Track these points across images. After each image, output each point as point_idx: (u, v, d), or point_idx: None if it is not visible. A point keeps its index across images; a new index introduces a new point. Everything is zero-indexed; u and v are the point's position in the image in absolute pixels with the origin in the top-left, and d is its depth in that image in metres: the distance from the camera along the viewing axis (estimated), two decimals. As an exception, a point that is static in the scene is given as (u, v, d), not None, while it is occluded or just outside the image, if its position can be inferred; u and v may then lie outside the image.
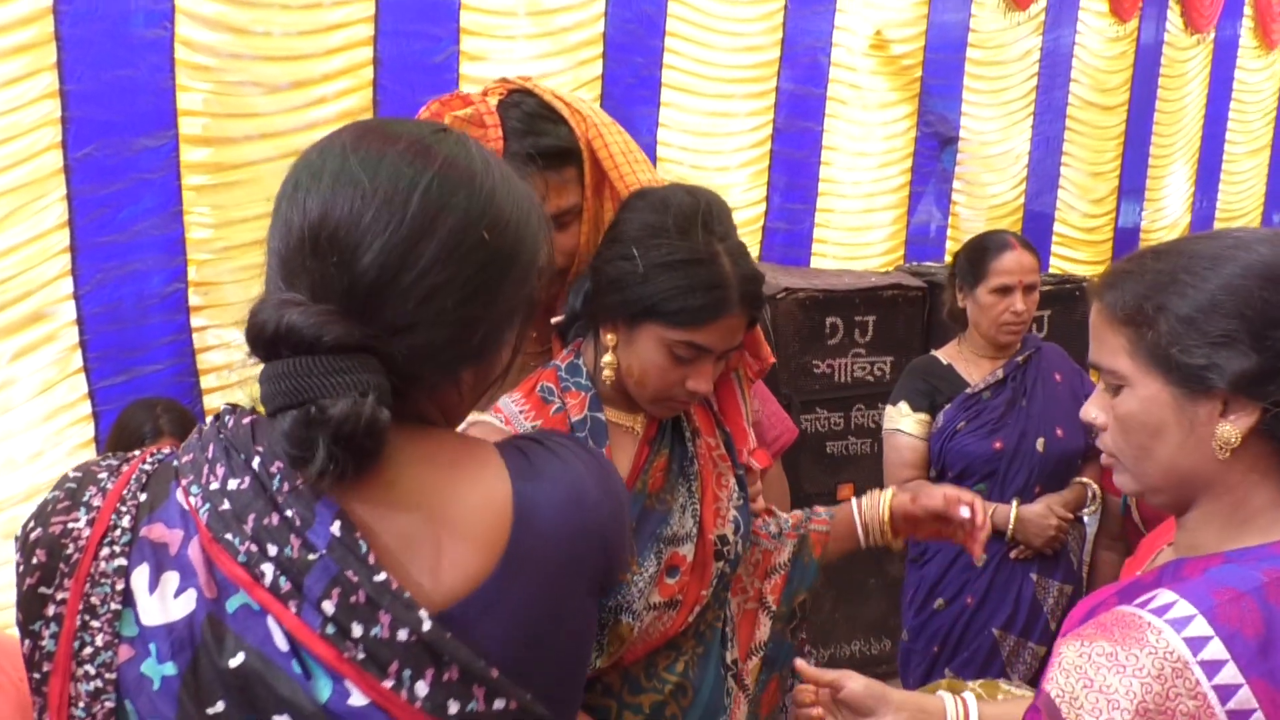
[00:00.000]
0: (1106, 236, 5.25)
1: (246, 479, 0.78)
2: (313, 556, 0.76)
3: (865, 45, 4.26)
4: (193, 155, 2.94)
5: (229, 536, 0.76)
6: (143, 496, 0.82)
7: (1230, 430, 0.93)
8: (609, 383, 1.35)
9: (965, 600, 2.49)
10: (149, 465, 0.84)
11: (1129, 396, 0.98)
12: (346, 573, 0.75)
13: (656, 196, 1.35)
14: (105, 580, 0.78)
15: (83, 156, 2.79)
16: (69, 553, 0.80)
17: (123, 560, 0.79)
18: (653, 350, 1.30)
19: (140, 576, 0.79)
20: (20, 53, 2.67)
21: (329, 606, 0.75)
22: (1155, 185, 5.41)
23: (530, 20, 3.50)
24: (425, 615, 0.76)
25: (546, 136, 1.44)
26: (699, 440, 1.44)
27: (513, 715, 0.79)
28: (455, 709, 0.77)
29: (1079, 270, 4.97)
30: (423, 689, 0.76)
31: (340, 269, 0.77)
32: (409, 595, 0.76)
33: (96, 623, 0.78)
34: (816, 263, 4.29)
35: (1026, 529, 2.42)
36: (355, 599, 0.75)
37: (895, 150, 4.45)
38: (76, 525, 0.80)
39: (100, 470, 0.84)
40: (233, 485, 0.78)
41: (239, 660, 0.76)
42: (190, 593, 0.78)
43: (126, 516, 0.81)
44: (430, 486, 0.82)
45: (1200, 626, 0.83)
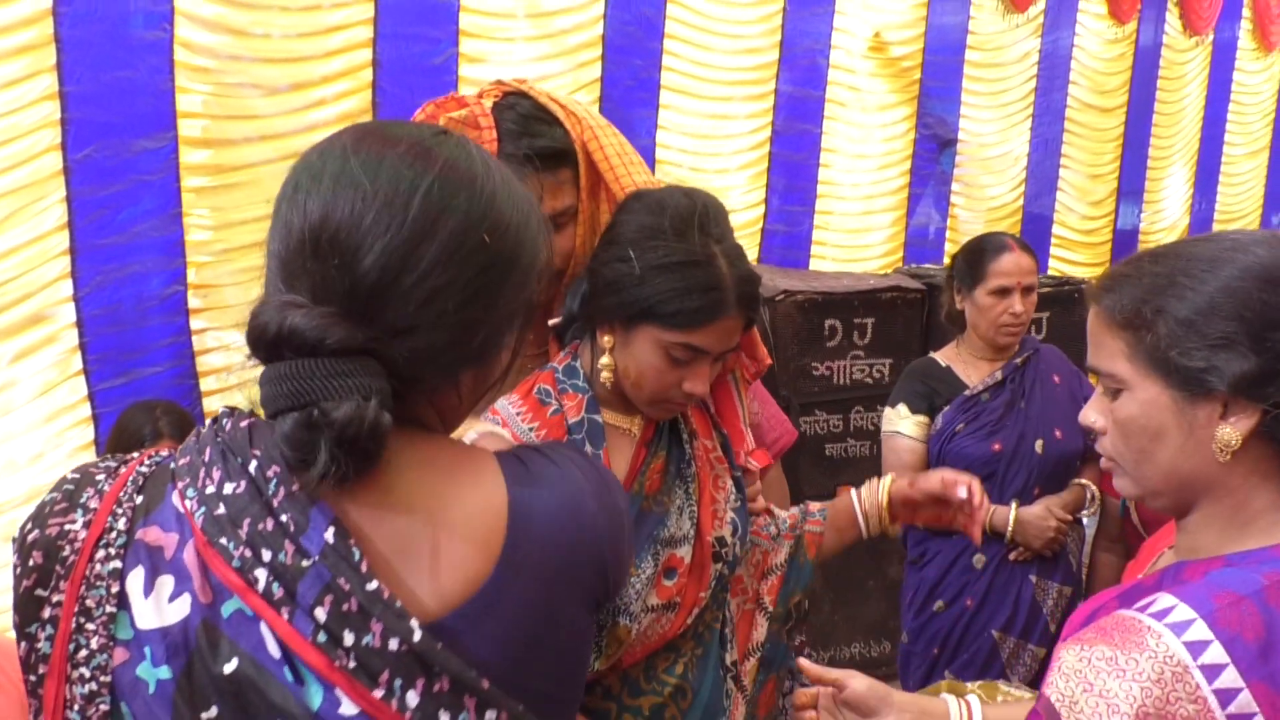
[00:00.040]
0: (1105, 238, 5.26)
1: (243, 483, 0.78)
2: (306, 563, 0.75)
3: (864, 47, 4.26)
4: (192, 157, 2.94)
5: (224, 541, 0.76)
6: (139, 499, 0.81)
7: (1230, 433, 0.92)
8: (606, 384, 1.35)
9: (965, 602, 2.49)
10: (146, 468, 0.84)
11: (1128, 400, 0.98)
12: (339, 580, 0.75)
13: (653, 198, 1.35)
14: (100, 583, 0.78)
15: (82, 158, 2.78)
16: (65, 555, 0.79)
17: (118, 563, 0.79)
18: (649, 352, 1.30)
19: (135, 579, 0.79)
20: (20, 54, 2.67)
21: (321, 614, 0.74)
22: (1154, 187, 5.41)
23: (529, 22, 3.50)
24: (416, 625, 0.75)
25: (541, 138, 1.44)
26: (696, 442, 1.44)
27: None
28: (446, 719, 0.76)
29: (1078, 272, 4.98)
30: (413, 699, 0.75)
31: (341, 271, 0.77)
32: (400, 604, 0.76)
33: (92, 625, 0.77)
34: (815, 265, 4.29)
35: (1026, 531, 2.42)
36: (347, 607, 0.75)
37: (894, 152, 4.45)
38: (73, 527, 0.80)
39: (98, 472, 0.84)
40: (228, 489, 0.78)
41: (233, 666, 0.76)
42: (185, 597, 0.77)
43: (122, 519, 0.80)
44: (427, 493, 0.81)
45: (1200, 630, 0.83)
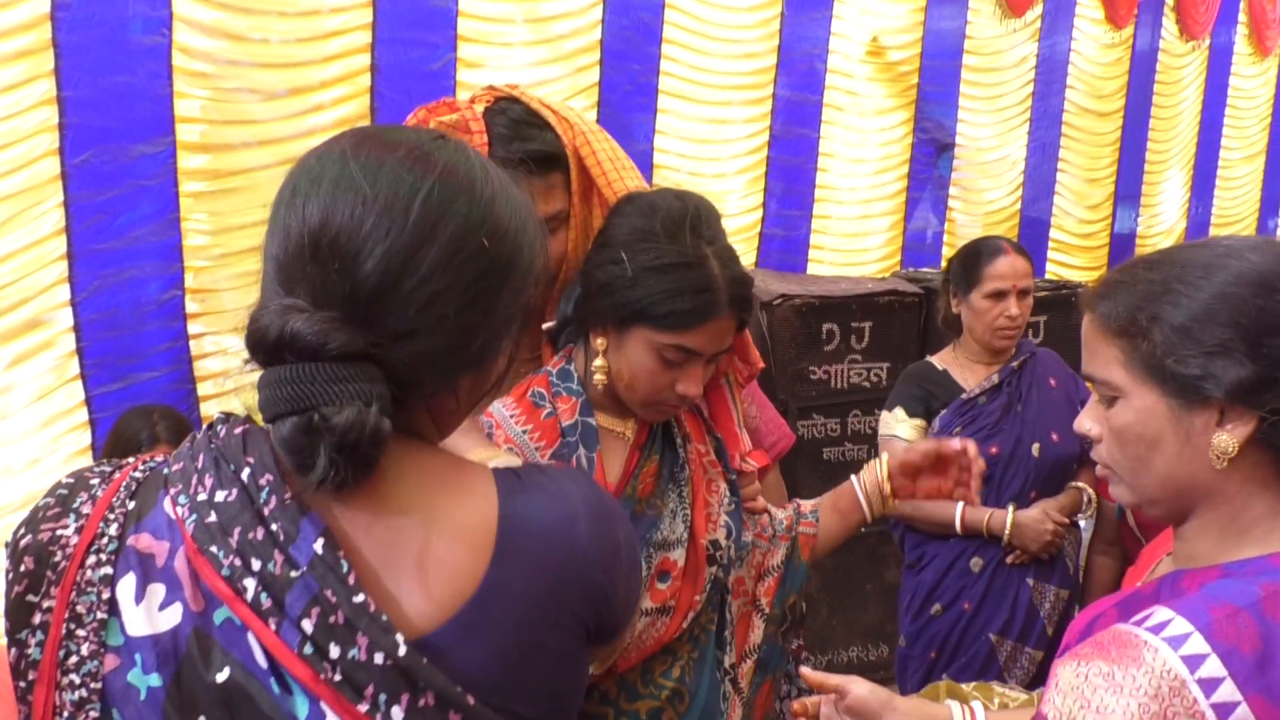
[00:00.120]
0: (1103, 242, 5.26)
1: (234, 491, 0.77)
2: (294, 574, 0.75)
3: (862, 52, 4.27)
4: (190, 162, 2.94)
5: (214, 549, 0.76)
6: (131, 505, 0.81)
7: (1227, 440, 0.92)
8: (599, 387, 1.36)
9: (962, 606, 2.49)
10: (140, 473, 0.84)
11: (1124, 408, 0.97)
12: (326, 592, 0.74)
13: (645, 201, 1.36)
14: (91, 589, 0.78)
15: (80, 163, 2.78)
16: (56, 560, 0.79)
17: (108, 569, 0.78)
18: (642, 354, 1.31)
19: (126, 586, 0.78)
20: (18, 59, 2.67)
21: (308, 625, 0.74)
22: (1151, 191, 5.42)
23: (528, 28, 3.50)
24: (402, 640, 0.75)
25: (532, 142, 1.44)
26: (689, 446, 1.45)
27: None
28: None
29: (1075, 276, 4.98)
30: (398, 715, 0.74)
31: (342, 275, 0.76)
32: (387, 618, 0.75)
33: (82, 631, 0.77)
34: (813, 269, 4.30)
35: (1023, 534, 2.42)
36: (334, 619, 0.74)
37: (892, 157, 4.45)
38: (65, 533, 0.80)
39: (93, 477, 0.84)
40: (220, 497, 0.77)
41: (225, 675, 0.75)
42: (176, 606, 0.77)
43: (114, 525, 0.80)
44: (420, 504, 0.81)
45: (1197, 644, 0.82)
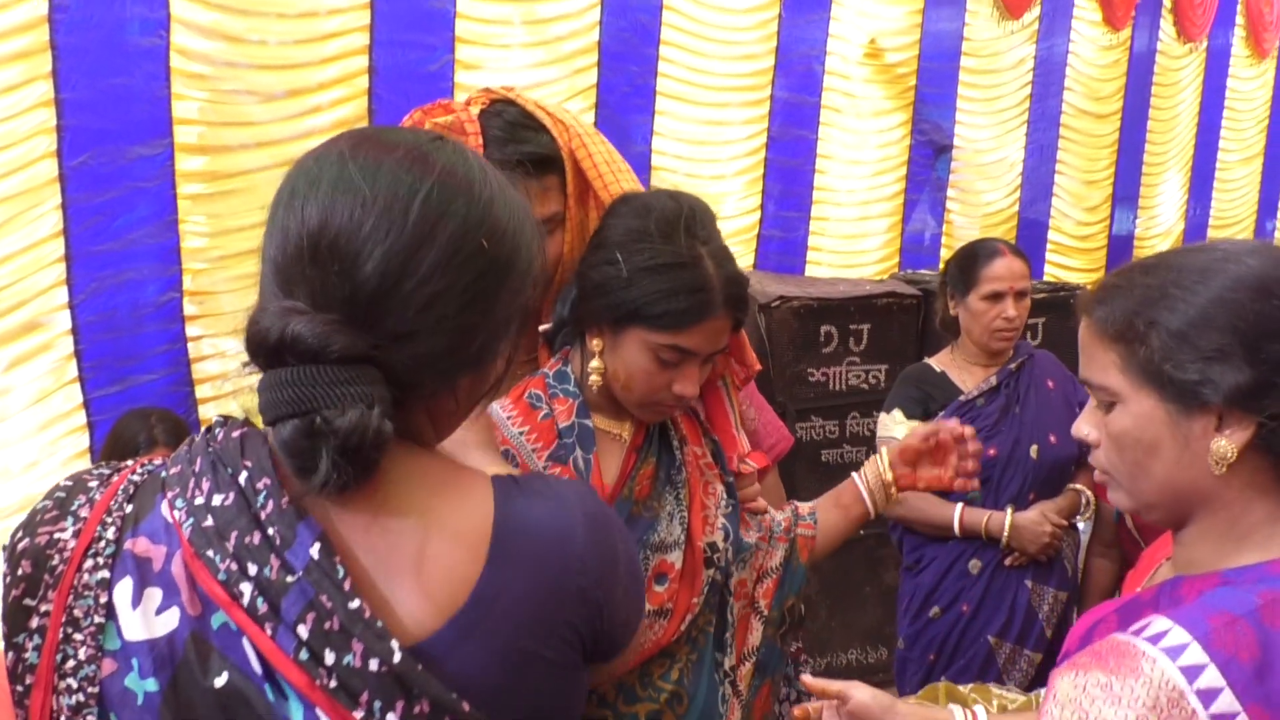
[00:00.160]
0: (1101, 244, 5.27)
1: (231, 495, 0.77)
2: (290, 579, 0.74)
3: (859, 54, 4.27)
4: (188, 164, 2.94)
5: (210, 553, 0.75)
6: (129, 508, 0.81)
7: (1226, 445, 0.92)
8: (595, 388, 1.36)
9: (961, 608, 2.49)
10: (138, 476, 0.84)
11: (1122, 413, 0.97)
12: (321, 597, 0.74)
13: (639, 202, 1.36)
14: (88, 593, 0.78)
15: (78, 165, 2.77)
16: (54, 564, 0.79)
17: (105, 573, 0.78)
18: (638, 354, 1.31)
19: (123, 590, 0.78)
20: (15, 61, 2.66)
21: (304, 631, 0.73)
22: (1149, 193, 5.43)
23: (525, 29, 3.50)
24: (397, 646, 0.74)
25: (527, 144, 1.44)
26: (686, 448, 1.45)
27: None
28: None
29: (1073, 278, 4.99)
30: None
31: (341, 277, 0.76)
32: (382, 625, 0.75)
33: (79, 635, 0.77)
34: (811, 271, 4.30)
35: (1021, 536, 2.42)
36: (329, 625, 0.74)
37: (890, 158, 4.46)
38: (62, 536, 0.80)
39: (91, 479, 0.84)
40: (217, 501, 0.77)
41: (223, 680, 0.75)
42: (173, 610, 0.77)
43: (111, 528, 0.80)
44: (417, 508, 0.80)
45: (1195, 654, 0.82)
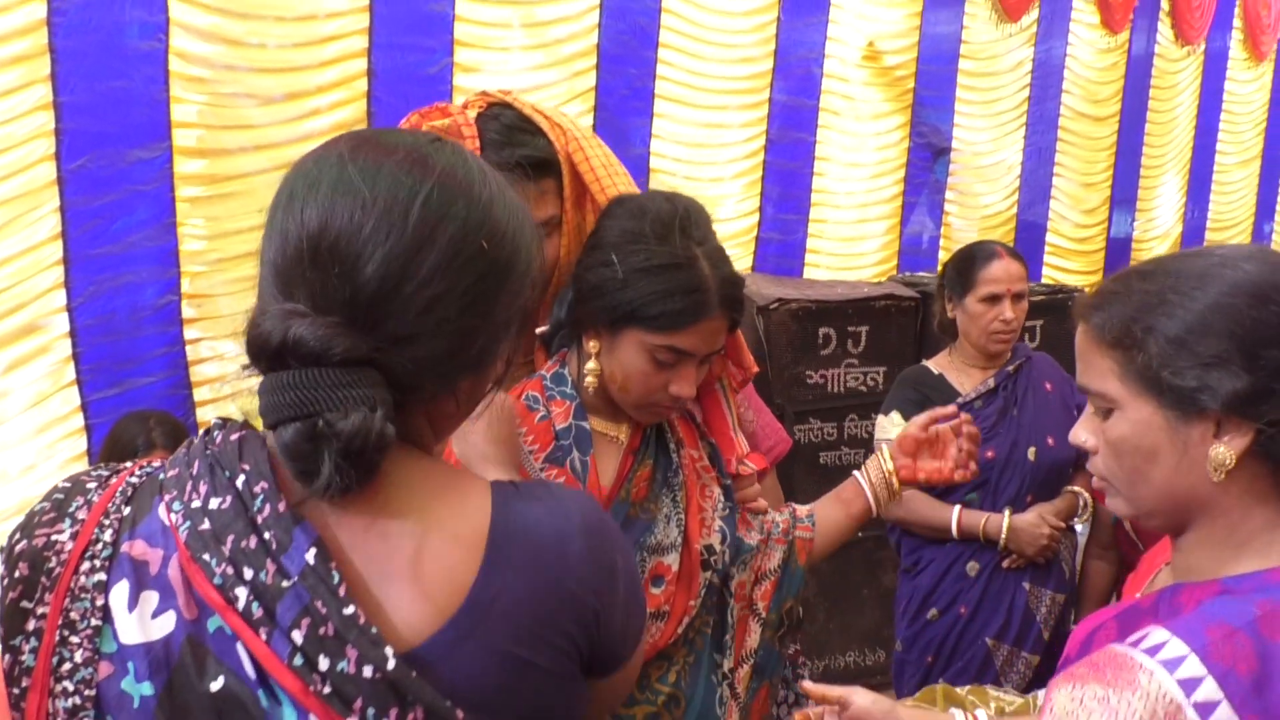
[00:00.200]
0: (1099, 246, 5.28)
1: (228, 498, 0.77)
2: (286, 584, 0.74)
3: (858, 56, 4.28)
4: (187, 167, 2.94)
5: (206, 557, 0.75)
6: (126, 510, 0.81)
7: (1225, 452, 0.91)
8: (592, 390, 1.36)
9: (959, 610, 2.49)
10: (136, 478, 0.83)
11: (1120, 420, 0.96)
12: (316, 603, 0.74)
13: (634, 203, 1.37)
14: (85, 595, 0.77)
15: (76, 168, 2.78)
16: (51, 566, 0.78)
17: (102, 575, 0.78)
18: (635, 355, 1.31)
19: (119, 593, 0.78)
20: (14, 64, 2.67)
21: (298, 636, 0.73)
22: (1147, 195, 5.43)
23: (524, 32, 3.50)
24: (391, 653, 0.74)
25: (524, 148, 1.45)
26: (683, 451, 1.45)
27: None
28: None
29: (1071, 280, 4.99)
30: None
31: (342, 280, 0.76)
32: (376, 631, 0.74)
33: (76, 638, 0.77)
34: (809, 273, 4.30)
35: (1019, 538, 2.42)
36: (324, 631, 0.73)
37: (888, 161, 4.46)
38: (60, 538, 0.79)
39: (90, 481, 0.83)
40: (214, 504, 0.77)
41: (219, 684, 0.75)
42: (169, 614, 0.76)
43: (109, 530, 0.79)
44: (416, 511, 0.80)
45: (1193, 666, 0.81)
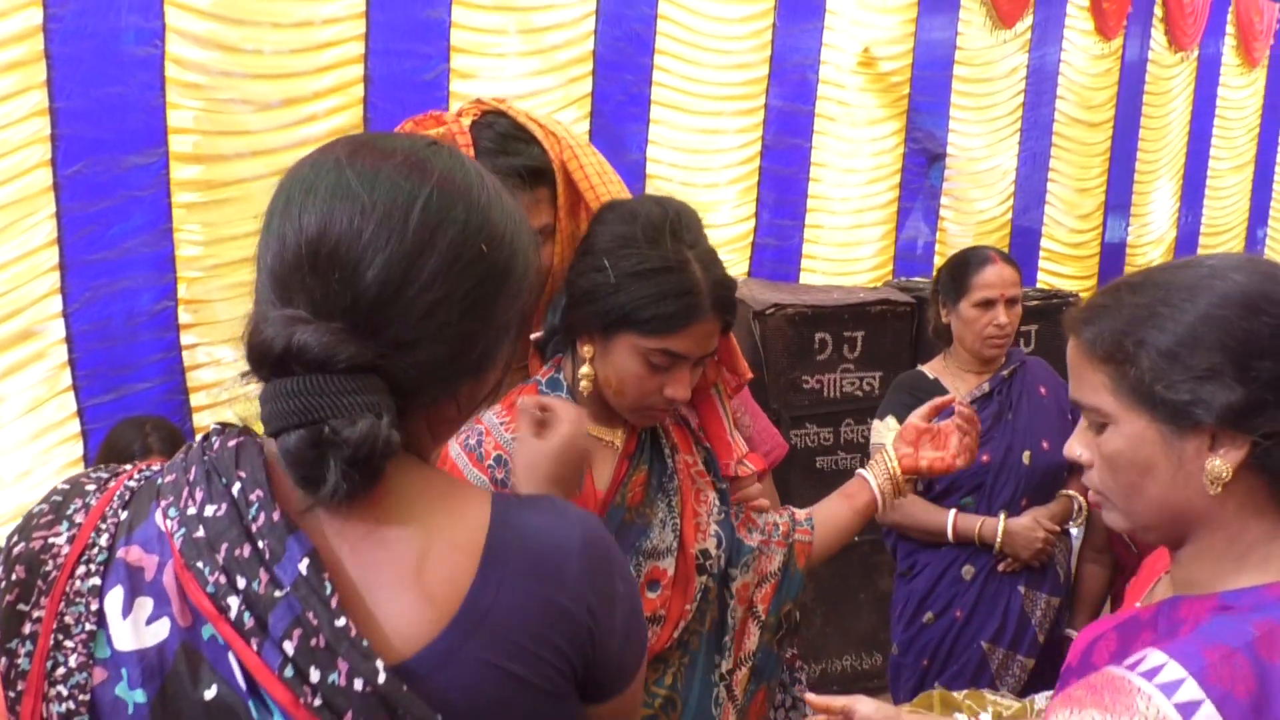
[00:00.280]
0: (1093, 251, 5.29)
1: (224, 506, 0.76)
2: (278, 593, 0.73)
3: (853, 63, 4.29)
4: (183, 173, 2.94)
5: (200, 565, 0.75)
6: (123, 515, 0.80)
7: (1220, 465, 0.90)
8: (586, 394, 1.37)
9: (954, 614, 2.49)
10: (134, 482, 0.83)
11: (1114, 434, 0.96)
12: (308, 614, 0.73)
13: (626, 208, 1.37)
14: (80, 600, 0.76)
15: (72, 174, 2.78)
16: (47, 570, 0.78)
17: (97, 580, 0.77)
18: (629, 359, 1.32)
19: (114, 599, 0.77)
20: (9, 70, 2.67)
21: (289, 647, 0.72)
22: (1141, 201, 5.45)
23: (520, 38, 3.51)
24: (382, 666, 0.73)
25: (518, 156, 1.45)
26: (677, 456, 1.45)
27: None
28: None
29: (1066, 285, 5.00)
30: None
31: (343, 285, 0.76)
32: (368, 644, 0.74)
33: (70, 643, 0.76)
34: (805, 279, 4.31)
35: (1014, 542, 2.42)
36: (315, 642, 0.72)
37: (883, 167, 4.47)
38: (57, 541, 0.79)
39: (89, 483, 0.83)
40: (209, 511, 0.76)
41: (213, 692, 0.74)
42: (164, 621, 0.76)
43: (105, 535, 0.79)
44: (414, 519, 0.80)
45: (1191, 690, 0.80)
